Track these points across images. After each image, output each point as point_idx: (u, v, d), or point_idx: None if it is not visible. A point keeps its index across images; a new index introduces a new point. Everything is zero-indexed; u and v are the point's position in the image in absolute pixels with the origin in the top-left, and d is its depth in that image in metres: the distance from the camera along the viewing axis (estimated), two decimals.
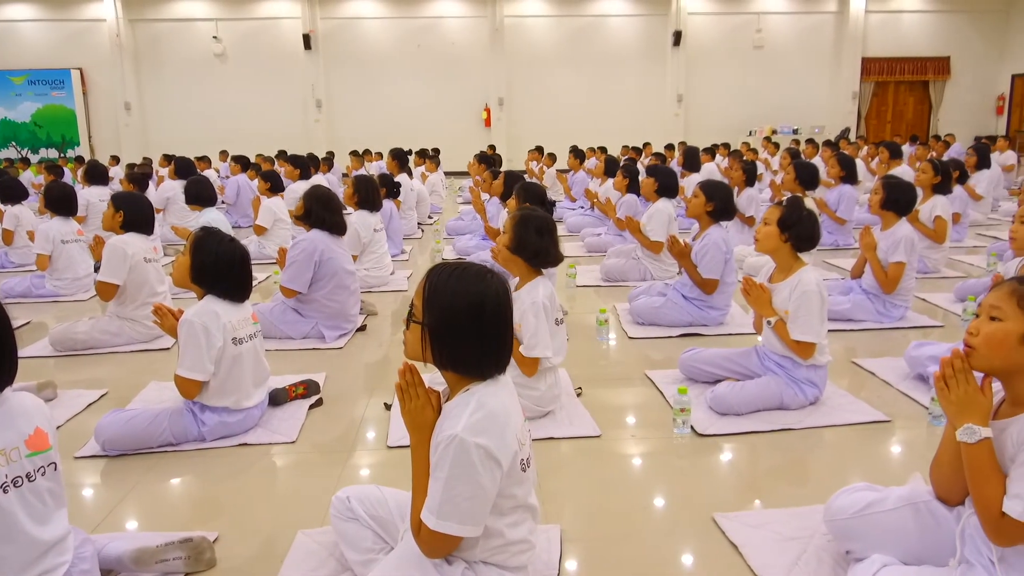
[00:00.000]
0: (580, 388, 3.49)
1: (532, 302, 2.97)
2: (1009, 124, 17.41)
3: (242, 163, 9.52)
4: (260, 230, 6.69)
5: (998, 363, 1.69)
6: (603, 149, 12.22)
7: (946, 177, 5.67)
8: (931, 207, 5.56)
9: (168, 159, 11.35)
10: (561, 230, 8.24)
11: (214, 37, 16.49)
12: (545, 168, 11.44)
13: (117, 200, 4.20)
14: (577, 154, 10.32)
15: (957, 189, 6.82)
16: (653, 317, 4.47)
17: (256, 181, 7.60)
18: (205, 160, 11.95)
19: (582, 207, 9.12)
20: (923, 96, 18.06)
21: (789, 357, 3.15)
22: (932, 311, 4.75)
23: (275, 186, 6.82)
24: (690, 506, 2.49)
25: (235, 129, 16.46)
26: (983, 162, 8.29)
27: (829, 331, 3.59)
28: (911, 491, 1.98)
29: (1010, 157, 11.55)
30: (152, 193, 7.92)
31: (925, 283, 5.35)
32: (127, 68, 16.46)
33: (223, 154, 14.04)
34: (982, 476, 1.67)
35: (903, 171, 8.10)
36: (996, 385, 1.77)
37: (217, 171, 12.38)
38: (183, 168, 8.05)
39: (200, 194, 5.97)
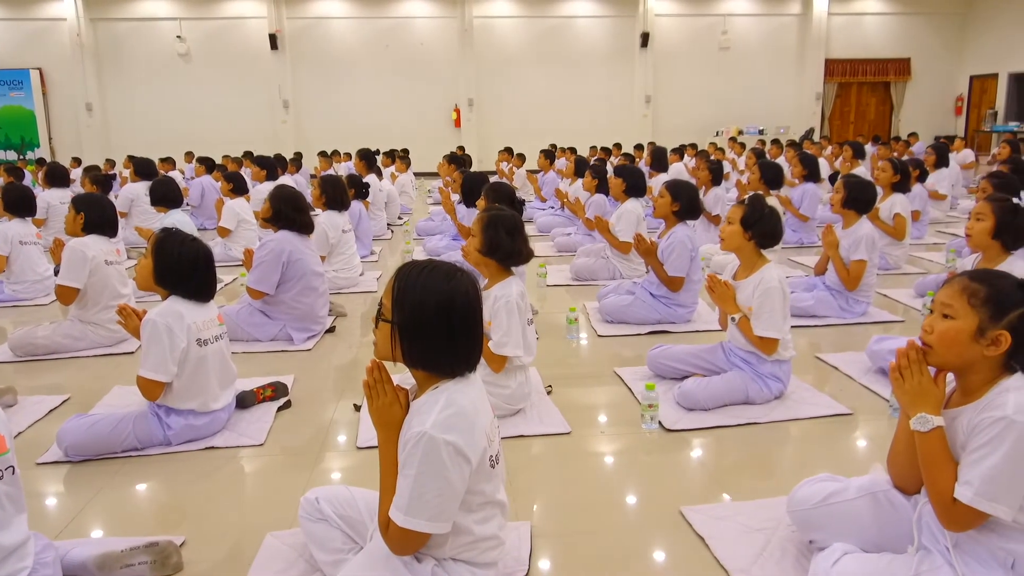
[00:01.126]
0: (550, 386, 3.51)
1: (506, 301, 2.98)
2: (967, 124, 17.86)
3: (207, 164, 9.39)
4: (224, 232, 6.60)
5: (953, 360, 1.75)
6: (573, 150, 12.29)
7: (905, 176, 5.81)
8: (890, 205, 5.69)
9: (133, 161, 11.15)
10: (532, 230, 8.32)
11: (178, 37, 16.24)
12: (515, 169, 11.47)
13: (78, 202, 4.12)
14: (547, 155, 10.36)
15: (917, 187, 6.99)
16: (622, 315, 4.51)
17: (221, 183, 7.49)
18: (169, 161, 11.78)
19: (552, 207, 9.16)
20: (885, 97, 18.45)
21: (754, 353, 3.21)
22: (893, 306, 4.87)
23: (238, 187, 6.73)
24: (658, 500, 2.52)
25: (200, 130, 16.23)
26: (942, 161, 8.51)
27: (794, 327, 3.66)
28: (870, 481, 2.03)
29: (968, 155, 11.86)
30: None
31: (886, 279, 5.47)
32: (88, 68, 16.14)
33: (188, 155, 13.84)
34: (935, 464, 1.72)
35: (861, 171, 8.27)
36: (949, 376, 1.83)
37: (182, 172, 12.20)
38: (143, 169, 7.92)
39: (166, 195, 5.88)
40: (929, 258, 6.40)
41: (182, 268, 2.85)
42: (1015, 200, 3.36)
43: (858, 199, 4.47)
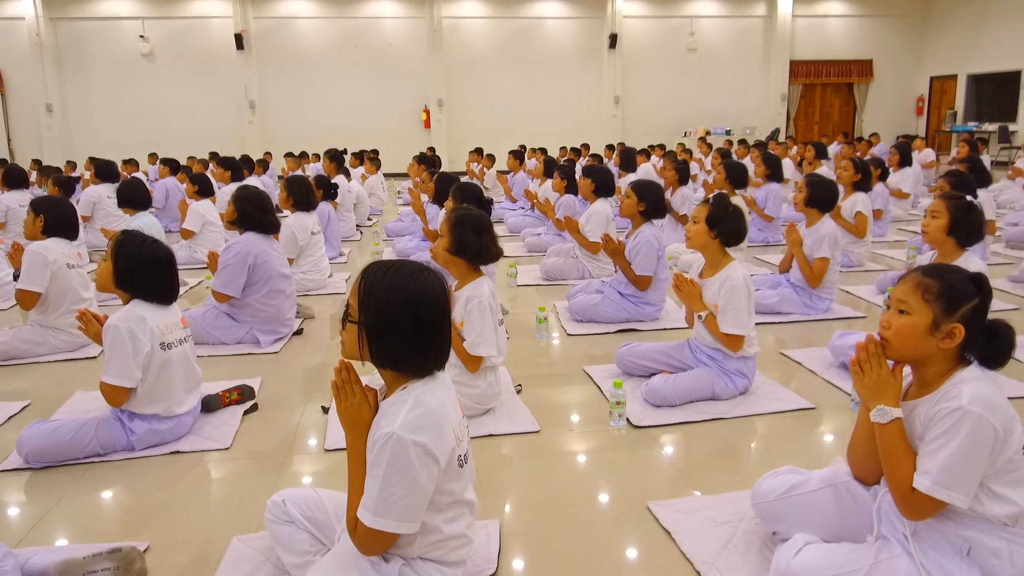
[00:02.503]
0: (520, 385, 3.52)
1: (478, 301, 2.99)
2: (928, 124, 18.27)
3: (171, 166, 9.25)
4: (187, 234, 6.50)
5: (909, 353, 1.79)
6: (543, 150, 12.32)
7: (866, 175, 5.93)
8: (852, 203, 5.80)
9: (94, 162, 10.93)
10: (502, 230, 8.33)
11: (141, 36, 15.95)
12: (485, 169, 11.47)
13: (37, 204, 4.04)
14: (517, 155, 10.38)
15: (879, 186, 7.14)
16: (591, 314, 4.55)
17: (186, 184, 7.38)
18: (133, 163, 11.57)
19: (522, 207, 9.17)
20: (848, 98, 18.80)
21: (720, 349, 3.26)
22: (855, 303, 4.96)
23: (203, 189, 6.62)
24: (626, 496, 2.55)
25: (165, 131, 15.95)
26: (905, 160, 8.70)
27: (759, 324, 3.71)
28: (832, 473, 2.08)
29: (929, 155, 12.13)
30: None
31: (849, 276, 5.58)
32: (48, 68, 15.77)
33: (152, 157, 13.61)
34: (894, 454, 1.76)
35: (825, 171, 8.41)
36: (907, 369, 1.88)
37: (146, 174, 11.99)
38: (105, 172, 7.77)
39: (133, 197, 5.77)
40: (891, 255, 6.53)
41: (142, 270, 2.81)
42: (969, 198, 3.43)
43: (820, 198, 4.56)
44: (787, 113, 18.25)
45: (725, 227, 3.25)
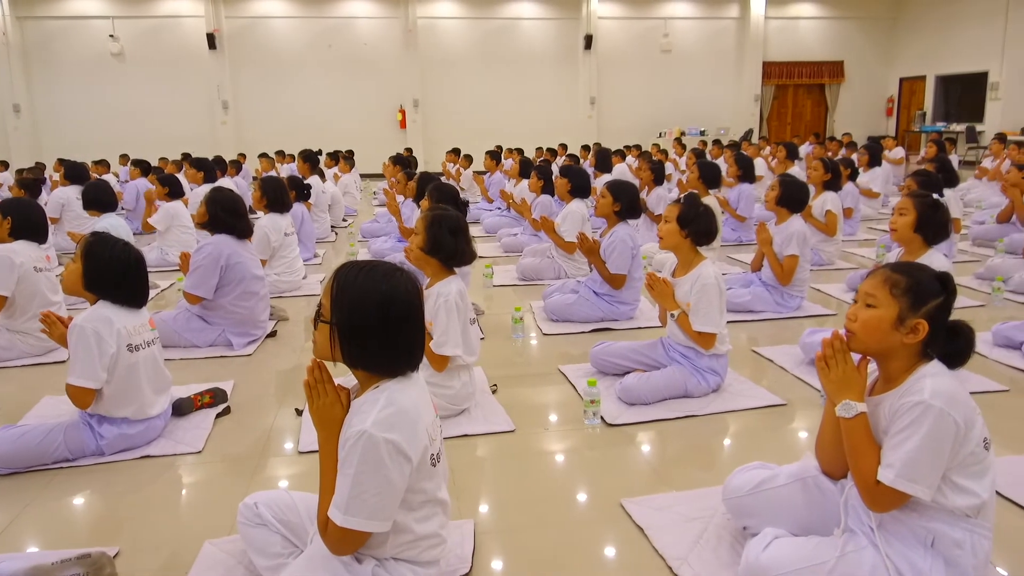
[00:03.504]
0: (495, 385, 3.53)
1: (445, 300, 2.99)
2: (898, 125, 18.58)
3: (142, 167, 9.12)
4: (149, 227, 6.43)
5: (874, 346, 1.82)
6: (520, 151, 12.34)
7: (836, 174, 6.02)
8: (822, 202, 5.89)
9: (64, 164, 10.75)
10: (478, 231, 8.34)
11: (111, 36, 15.71)
12: (462, 170, 11.47)
13: (4, 206, 3.97)
14: (493, 156, 10.39)
15: (849, 185, 7.25)
16: (566, 313, 4.57)
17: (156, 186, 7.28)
18: (104, 164, 11.39)
19: (499, 208, 9.19)
20: (820, 98, 19.05)
21: (692, 347, 3.29)
22: (826, 300, 5.04)
23: (174, 190, 6.53)
24: (600, 493, 2.57)
25: (136, 132, 15.73)
26: (874, 160, 8.85)
27: (731, 322, 3.75)
28: (800, 467, 2.11)
29: (899, 153, 12.34)
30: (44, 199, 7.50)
31: (820, 275, 5.66)
32: (15, 68, 15.47)
33: (123, 158, 13.41)
34: (859, 448, 1.79)
35: (797, 171, 8.53)
36: (872, 366, 1.91)
37: (116, 176, 11.82)
38: (74, 173, 7.65)
39: (99, 199, 5.68)
40: (861, 254, 6.63)
41: (112, 273, 2.77)
42: (936, 197, 3.50)
43: (792, 198, 4.62)
44: (760, 114, 18.46)
45: (696, 226, 3.28)
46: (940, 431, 1.68)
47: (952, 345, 1.81)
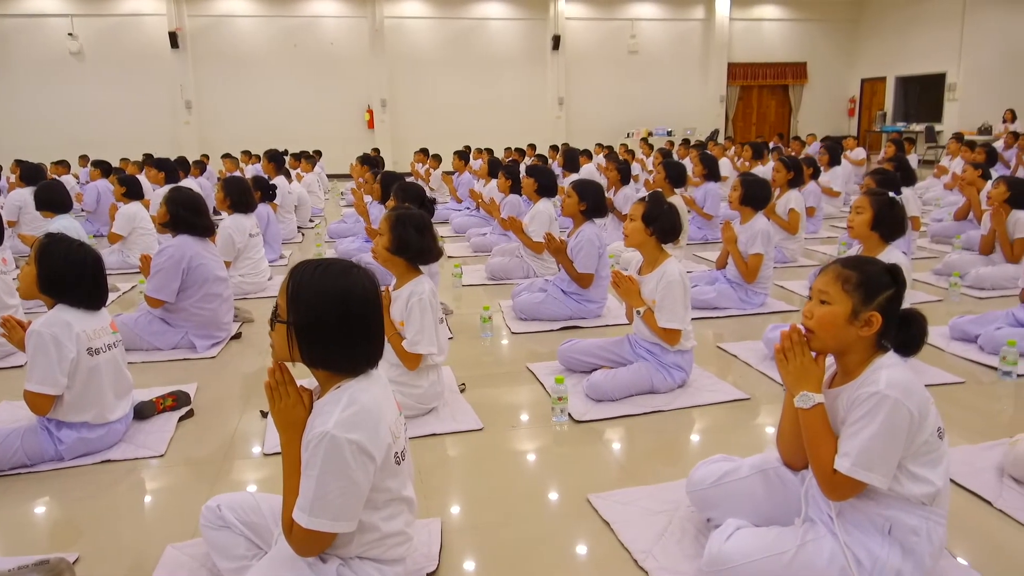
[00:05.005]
0: (463, 384, 3.53)
1: (419, 299, 2.98)
2: (860, 125, 18.95)
3: (102, 168, 8.94)
4: (115, 238, 6.28)
5: (831, 342, 1.86)
6: (489, 151, 12.34)
7: (798, 173, 6.13)
8: (785, 201, 5.99)
9: (20, 165, 10.49)
10: (447, 231, 8.32)
11: (69, 34, 15.36)
12: (431, 170, 11.44)
13: None
14: (462, 156, 10.38)
15: (811, 185, 7.38)
16: (535, 312, 4.58)
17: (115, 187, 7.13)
18: (64, 165, 11.14)
19: (468, 208, 9.18)
20: (784, 99, 19.36)
21: (658, 344, 3.32)
22: (789, 297, 5.12)
23: (132, 191, 6.40)
24: (567, 489, 2.58)
25: (96, 132, 15.39)
26: (835, 160, 9.02)
27: (697, 318, 3.80)
28: (762, 459, 2.15)
29: (860, 154, 12.59)
30: None
31: (783, 272, 5.76)
32: None
33: (83, 159, 13.13)
34: (817, 438, 1.83)
35: (764, 170, 8.66)
36: (830, 359, 1.95)
37: (76, 177, 11.57)
38: (31, 174, 7.47)
39: (52, 199, 5.54)
40: (823, 251, 6.76)
41: (69, 275, 2.71)
42: (892, 195, 3.58)
43: (754, 196, 4.69)
44: (726, 114, 18.70)
45: (661, 224, 3.32)
46: (895, 421, 1.72)
47: (906, 334, 1.85)
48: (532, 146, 14.14)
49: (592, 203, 4.50)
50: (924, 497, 1.79)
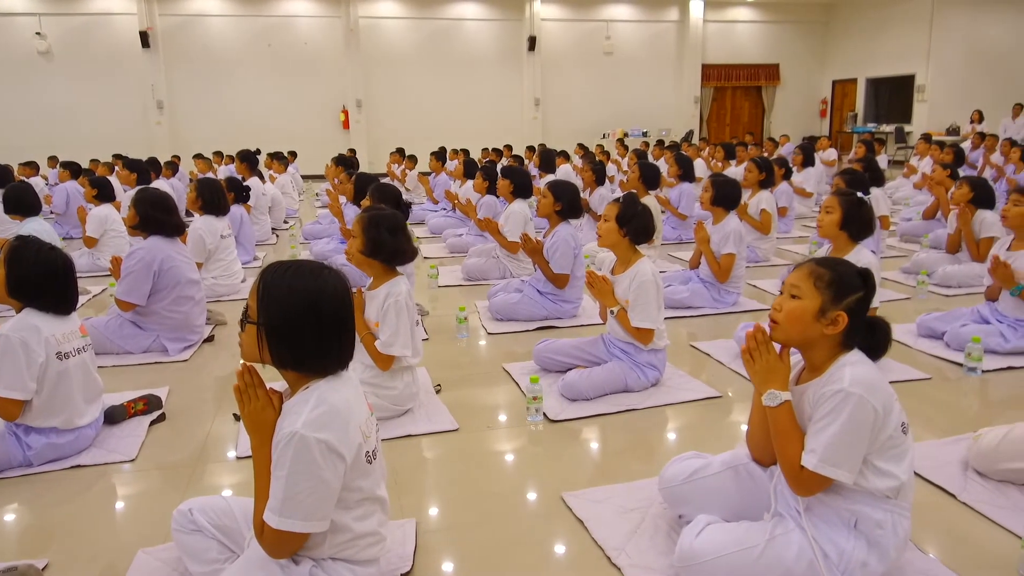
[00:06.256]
0: (439, 385, 3.53)
1: (395, 300, 2.97)
2: (831, 125, 19.22)
3: (72, 169, 8.80)
4: (91, 242, 6.18)
5: (796, 336, 1.90)
6: (465, 151, 12.33)
7: (769, 174, 6.21)
8: (757, 201, 6.07)
9: None
10: (423, 231, 8.31)
11: (37, 33, 15.08)
12: (407, 171, 11.40)
13: None
14: (438, 156, 10.37)
15: (783, 185, 7.48)
16: (511, 312, 4.59)
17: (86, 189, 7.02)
18: (32, 166, 10.94)
19: (444, 209, 9.17)
20: (757, 100, 19.58)
21: (631, 343, 3.35)
22: (761, 296, 5.19)
23: (104, 193, 6.31)
24: (542, 488, 2.60)
25: (66, 133, 15.13)
26: (808, 160, 9.14)
27: (671, 318, 3.84)
28: (732, 456, 2.18)
29: (832, 154, 12.77)
30: None
31: (755, 271, 5.83)
32: None
33: (52, 160, 12.90)
34: (784, 435, 1.87)
35: (732, 170, 8.76)
36: (796, 357, 1.99)
37: (45, 178, 11.38)
38: None
39: (21, 201, 5.44)
40: (795, 250, 6.85)
41: (38, 279, 2.67)
42: (860, 195, 3.64)
43: (726, 196, 4.75)
44: (700, 115, 18.87)
45: (634, 225, 3.34)
46: (859, 417, 1.75)
47: (871, 339, 1.90)
48: (509, 147, 14.16)
49: (567, 204, 4.53)
50: (888, 491, 1.83)
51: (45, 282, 2.69)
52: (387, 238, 3.03)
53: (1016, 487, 2.45)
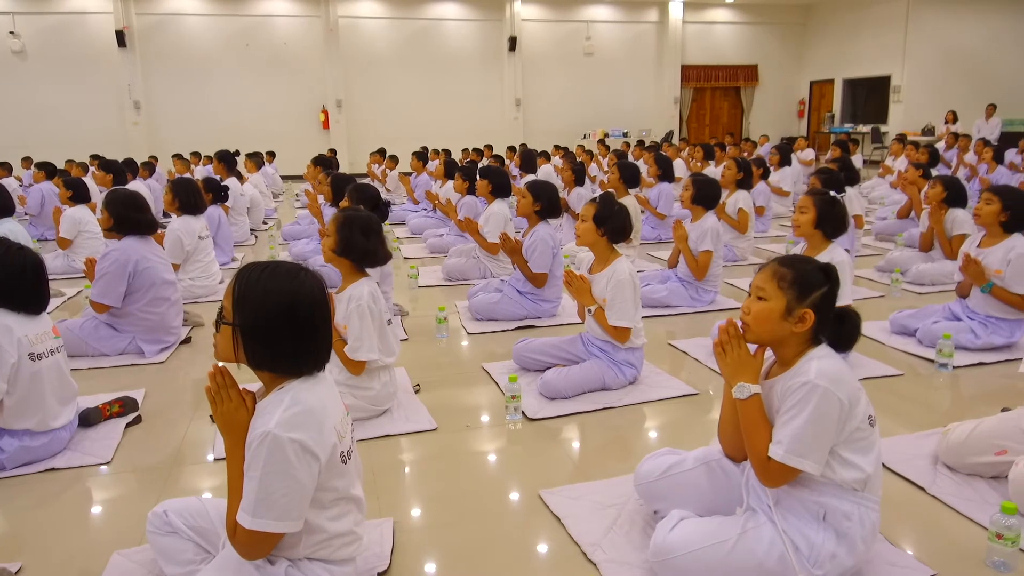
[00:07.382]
0: (418, 385, 3.53)
1: (357, 304, 2.96)
2: (809, 126, 19.42)
3: (47, 170, 8.68)
4: (64, 243, 6.09)
5: (767, 336, 1.93)
6: (446, 152, 12.33)
7: (747, 173, 6.27)
8: (735, 201, 6.12)
9: None
10: (404, 232, 8.30)
11: (11, 33, 14.86)
12: (388, 171, 11.37)
13: None
14: (419, 157, 10.36)
15: (761, 184, 7.55)
16: (491, 312, 4.61)
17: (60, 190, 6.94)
18: (5, 167, 10.79)
19: (424, 209, 9.17)
20: (736, 101, 19.75)
21: (609, 342, 3.38)
22: (739, 295, 5.23)
23: (78, 194, 6.23)
24: (520, 486, 2.61)
25: (41, 134, 14.93)
26: (785, 160, 9.24)
27: (649, 316, 3.86)
28: (705, 452, 2.21)
29: (809, 154, 12.92)
30: None
31: (733, 270, 5.89)
32: None
33: (26, 161, 12.73)
34: (753, 427, 1.89)
35: (710, 170, 8.83)
36: (769, 351, 2.02)
37: (19, 179, 11.22)
38: None
39: None
40: (772, 249, 6.92)
41: (9, 279, 2.64)
42: (834, 194, 3.69)
43: (706, 195, 4.80)
44: (680, 115, 18.99)
45: (611, 224, 3.37)
46: (825, 409, 1.79)
47: (840, 330, 1.93)
48: (489, 147, 14.17)
49: (546, 203, 4.55)
50: (855, 483, 1.86)
51: (15, 282, 2.67)
52: (359, 239, 3.02)
53: (984, 480, 2.50)
